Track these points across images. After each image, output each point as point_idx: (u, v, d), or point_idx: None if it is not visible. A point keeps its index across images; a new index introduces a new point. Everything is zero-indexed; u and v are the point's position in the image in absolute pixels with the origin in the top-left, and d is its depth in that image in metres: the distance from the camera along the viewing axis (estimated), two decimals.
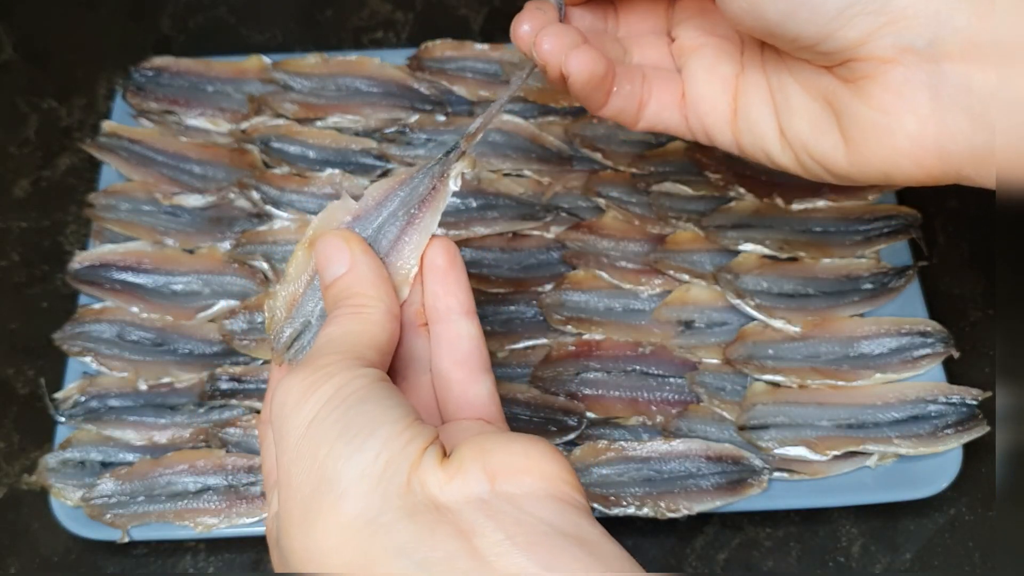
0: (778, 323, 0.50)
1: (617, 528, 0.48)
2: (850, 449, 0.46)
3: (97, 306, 0.51)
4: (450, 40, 0.59)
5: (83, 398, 0.49)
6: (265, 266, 0.52)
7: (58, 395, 0.49)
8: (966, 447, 0.47)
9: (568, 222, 0.54)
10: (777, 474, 0.47)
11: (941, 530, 0.48)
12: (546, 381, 0.49)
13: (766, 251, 0.52)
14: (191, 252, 0.53)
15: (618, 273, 0.52)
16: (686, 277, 0.51)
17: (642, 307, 0.51)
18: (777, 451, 0.47)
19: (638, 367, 0.50)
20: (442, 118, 0.56)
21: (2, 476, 0.50)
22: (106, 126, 0.56)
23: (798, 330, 0.50)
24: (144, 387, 0.49)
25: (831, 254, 0.52)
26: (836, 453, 0.46)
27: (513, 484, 0.28)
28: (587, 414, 0.49)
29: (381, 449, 0.28)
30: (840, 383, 0.48)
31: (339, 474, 0.28)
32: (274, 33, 0.64)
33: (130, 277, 0.52)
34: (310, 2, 0.65)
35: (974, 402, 0.47)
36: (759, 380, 0.49)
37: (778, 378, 0.49)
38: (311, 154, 0.55)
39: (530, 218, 0.53)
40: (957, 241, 0.56)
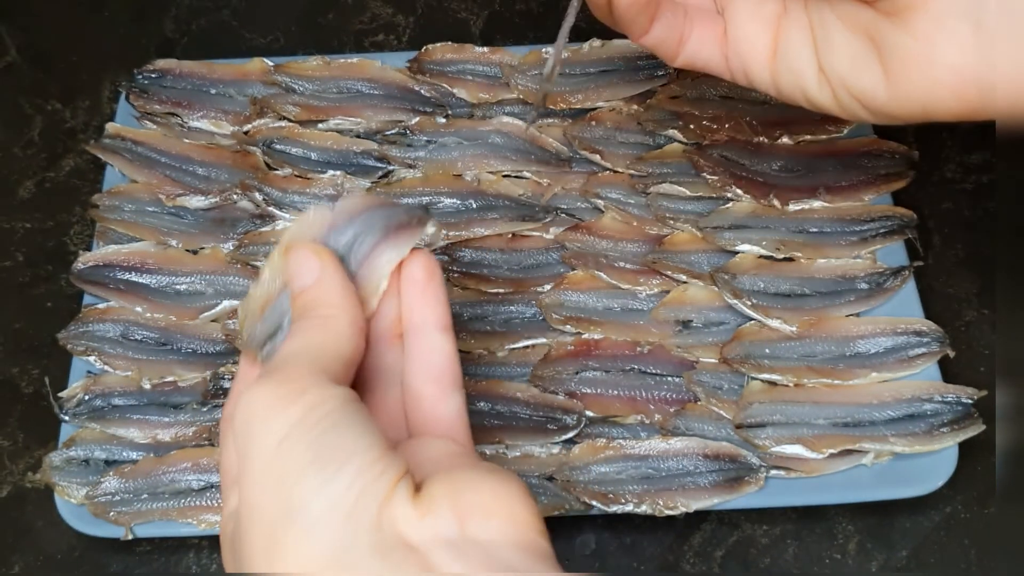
0: (775, 323, 0.50)
1: (615, 525, 0.48)
2: (846, 447, 0.47)
3: (101, 306, 0.52)
4: (450, 43, 0.59)
5: (87, 397, 0.49)
6: None
7: (62, 394, 0.50)
8: (962, 445, 0.47)
9: (567, 223, 0.54)
10: (774, 472, 0.47)
11: (937, 528, 0.49)
12: (545, 380, 0.50)
13: (763, 252, 0.52)
14: (194, 253, 0.53)
15: (616, 273, 0.52)
16: (684, 277, 0.52)
17: (640, 307, 0.52)
18: (774, 449, 0.47)
19: (636, 366, 0.50)
20: (443, 120, 0.57)
21: (7, 474, 0.51)
22: (110, 128, 0.56)
23: (794, 330, 0.50)
24: (148, 386, 0.50)
25: (827, 254, 0.52)
26: (832, 451, 0.47)
27: (482, 528, 0.27)
28: (586, 413, 0.49)
29: (352, 481, 0.27)
30: (836, 382, 0.49)
31: (307, 505, 0.27)
32: (276, 36, 0.65)
33: (134, 277, 0.52)
34: (312, 5, 0.66)
35: (969, 401, 0.48)
36: (756, 379, 0.49)
37: (775, 377, 0.49)
38: (313, 156, 0.56)
39: (529, 219, 0.54)
40: (952, 242, 0.56)
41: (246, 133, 0.57)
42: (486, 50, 0.59)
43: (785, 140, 0.55)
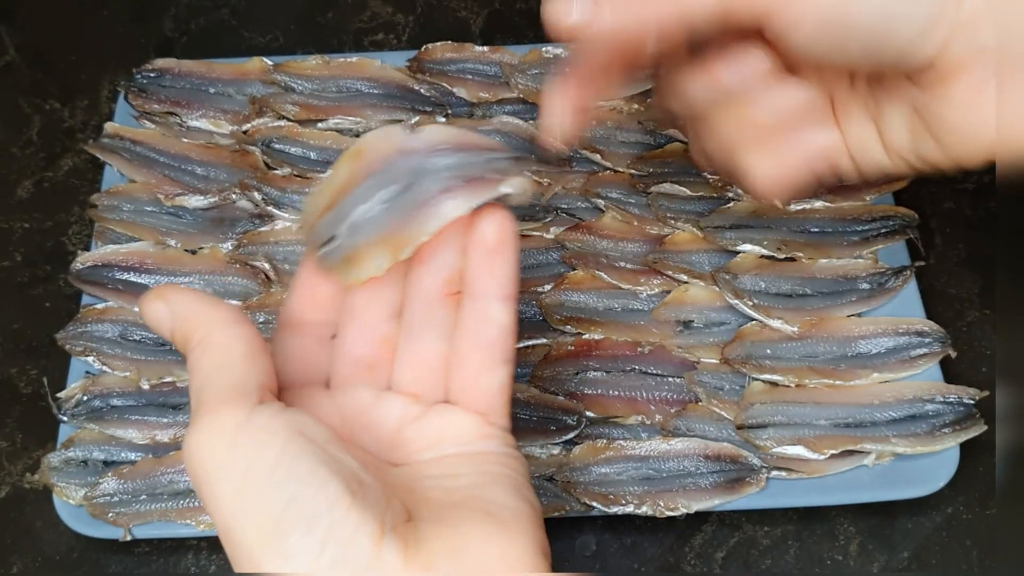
0: (776, 323, 0.50)
1: (616, 526, 0.48)
2: (848, 448, 0.47)
3: (100, 306, 0.52)
4: (450, 42, 0.59)
5: (86, 397, 0.49)
6: (267, 267, 0.52)
7: (61, 394, 0.49)
8: (963, 446, 0.47)
9: (567, 223, 0.54)
10: (775, 473, 0.47)
11: (938, 528, 0.49)
12: (545, 380, 0.50)
13: (764, 251, 0.52)
14: (193, 253, 0.53)
15: (617, 273, 0.52)
16: (684, 277, 0.52)
17: (641, 307, 0.52)
18: (775, 450, 0.47)
19: (637, 367, 0.50)
20: (442, 120, 0.57)
21: (5, 475, 0.50)
22: (108, 127, 0.56)
23: (796, 330, 0.50)
24: (146, 386, 0.50)
25: (829, 254, 0.52)
26: (834, 452, 0.47)
27: None
28: (586, 413, 0.49)
29: (324, 542, 0.26)
30: (838, 382, 0.49)
31: (287, 561, 0.26)
32: (275, 35, 0.64)
33: (133, 277, 0.52)
34: (311, 4, 0.66)
35: (971, 401, 0.47)
36: (757, 380, 0.49)
37: (776, 377, 0.49)
38: (312, 155, 0.56)
39: (530, 219, 0.54)
40: (954, 242, 0.56)
41: (245, 132, 0.57)
42: (486, 49, 0.59)
43: None
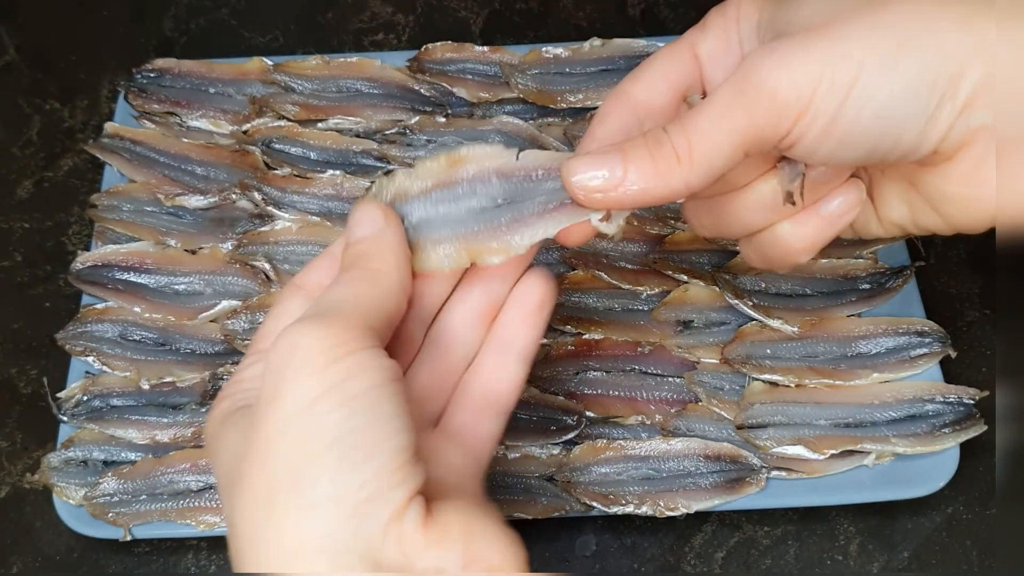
0: (776, 323, 0.50)
1: (616, 526, 0.48)
2: (848, 448, 0.47)
3: (100, 306, 0.52)
4: (450, 42, 0.59)
5: (86, 397, 0.49)
6: (267, 266, 0.52)
7: (61, 394, 0.49)
8: (963, 446, 0.47)
9: None
10: (775, 473, 0.47)
11: (938, 528, 0.49)
12: (545, 380, 0.50)
13: None
14: (193, 253, 0.53)
15: (617, 273, 0.52)
16: (685, 277, 0.52)
17: (641, 307, 0.52)
18: (775, 450, 0.47)
19: (637, 367, 0.50)
20: (443, 119, 0.57)
21: (5, 475, 0.50)
22: (108, 127, 0.56)
23: (796, 330, 0.50)
24: (146, 386, 0.50)
25: (829, 254, 0.52)
26: (834, 452, 0.47)
27: None
28: (586, 413, 0.49)
29: (368, 480, 0.27)
30: (838, 382, 0.49)
31: (316, 484, 0.27)
32: (275, 35, 0.64)
33: (132, 277, 0.52)
34: (311, 4, 0.66)
35: (971, 401, 0.47)
36: (757, 380, 0.49)
37: (776, 377, 0.49)
38: (312, 155, 0.56)
39: None
40: (954, 241, 0.56)
41: (245, 132, 0.57)
42: (486, 49, 0.59)
43: None
